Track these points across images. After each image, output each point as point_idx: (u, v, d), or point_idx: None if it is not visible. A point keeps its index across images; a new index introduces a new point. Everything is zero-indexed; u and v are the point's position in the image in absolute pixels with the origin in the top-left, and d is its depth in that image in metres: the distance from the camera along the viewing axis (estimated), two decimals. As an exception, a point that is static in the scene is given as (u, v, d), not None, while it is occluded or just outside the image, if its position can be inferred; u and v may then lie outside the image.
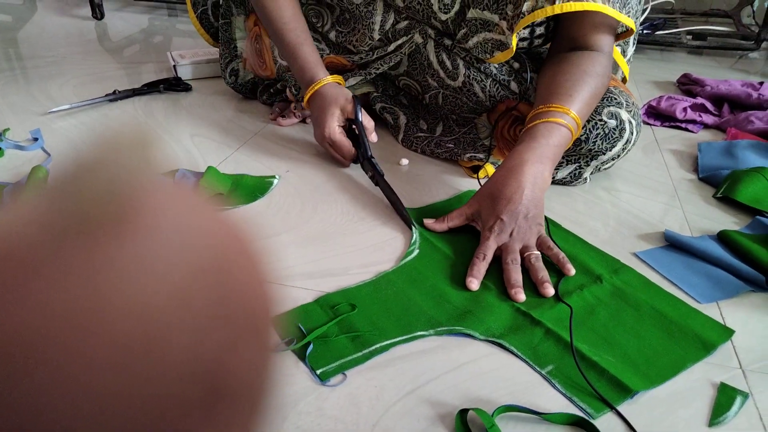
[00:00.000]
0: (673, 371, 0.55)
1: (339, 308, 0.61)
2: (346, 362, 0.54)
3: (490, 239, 0.69)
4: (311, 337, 0.56)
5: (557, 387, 0.53)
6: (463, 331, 0.59)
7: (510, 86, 0.91)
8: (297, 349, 0.55)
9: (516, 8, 0.80)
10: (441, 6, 0.87)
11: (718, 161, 0.97)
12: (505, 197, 0.70)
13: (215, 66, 1.28)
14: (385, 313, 0.61)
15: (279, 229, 0.75)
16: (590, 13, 0.78)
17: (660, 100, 1.18)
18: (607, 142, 0.83)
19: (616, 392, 0.53)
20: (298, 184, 0.86)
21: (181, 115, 1.10)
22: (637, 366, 0.55)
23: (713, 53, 1.66)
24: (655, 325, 0.61)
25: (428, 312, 0.62)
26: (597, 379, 0.54)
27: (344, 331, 0.58)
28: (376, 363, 0.55)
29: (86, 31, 1.68)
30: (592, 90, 0.79)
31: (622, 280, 0.67)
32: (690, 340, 0.59)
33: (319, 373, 0.53)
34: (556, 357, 0.56)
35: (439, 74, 0.95)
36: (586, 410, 0.51)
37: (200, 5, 1.12)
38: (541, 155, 0.73)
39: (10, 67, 1.35)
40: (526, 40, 0.88)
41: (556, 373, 0.55)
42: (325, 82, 0.89)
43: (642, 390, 0.53)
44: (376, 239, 0.74)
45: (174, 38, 1.64)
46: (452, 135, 0.98)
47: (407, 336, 0.58)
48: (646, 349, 0.58)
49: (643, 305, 0.64)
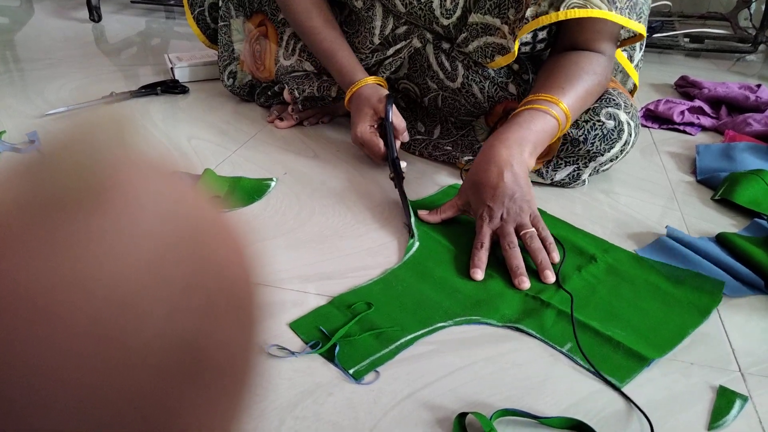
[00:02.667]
0: (677, 339, 0.59)
1: (355, 308, 0.61)
2: (377, 359, 0.55)
3: (483, 227, 0.70)
4: (337, 337, 0.56)
5: (579, 363, 0.56)
6: (481, 320, 0.61)
7: (508, 88, 0.91)
8: (324, 352, 0.55)
9: (518, 12, 0.80)
10: (443, 11, 0.87)
11: (716, 163, 0.96)
12: (487, 184, 0.71)
13: (212, 68, 1.28)
14: (400, 308, 0.62)
15: (276, 231, 0.75)
16: (594, 19, 0.78)
17: (658, 103, 1.18)
18: (606, 143, 0.83)
19: (634, 362, 0.56)
20: (296, 187, 0.86)
21: (179, 117, 1.10)
22: (645, 336, 0.59)
23: (711, 56, 1.66)
24: (652, 297, 0.64)
25: (442, 304, 0.63)
26: (613, 351, 0.57)
27: (365, 329, 0.58)
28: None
29: (83, 33, 1.68)
30: (586, 87, 0.79)
31: (613, 258, 0.71)
32: (686, 308, 0.63)
33: (352, 373, 0.53)
34: (572, 335, 0.59)
35: (438, 75, 0.94)
36: (612, 381, 0.54)
37: (197, 6, 1.12)
38: (519, 138, 0.73)
39: (6, 69, 1.34)
40: (529, 44, 0.87)
41: (575, 350, 0.57)
42: (362, 83, 0.90)
43: (656, 357, 0.56)
44: (374, 242, 0.74)
45: (171, 40, 1.64)
46: (450, 137, 0.98)
47: (429, 328, 0.59)
48: (649, 321, 0.61)
49: (637, 279, 0.67)
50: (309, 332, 0.57)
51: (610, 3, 0.76)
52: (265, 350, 0.55)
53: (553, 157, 0.86)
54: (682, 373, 0.56)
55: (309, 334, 0.57)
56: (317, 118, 1.08)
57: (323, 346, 0.55)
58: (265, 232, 0.75)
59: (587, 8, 0.75)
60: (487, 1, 0.83)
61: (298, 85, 1.00)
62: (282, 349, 0.55)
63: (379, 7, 0.92)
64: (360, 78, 0.90)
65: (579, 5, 0.75)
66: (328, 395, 0.51)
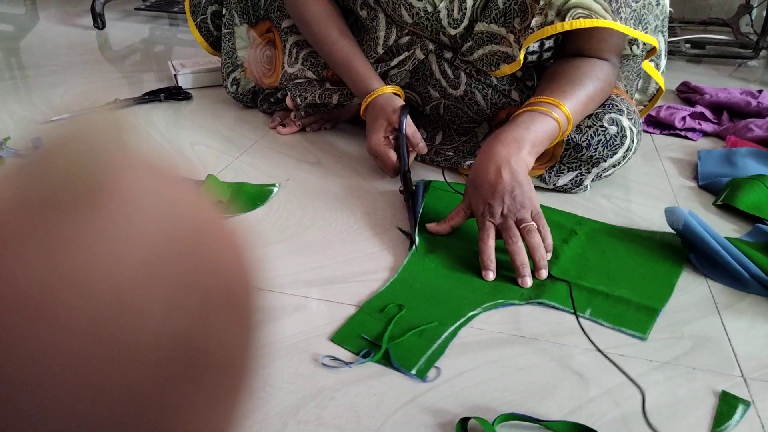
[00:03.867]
0: (669, 291, 0.66)
1: (388, 311, 0.62)
2: (431, 356, 0.56)
3: (485, 223, 0.71)
4: (386, 342, 0.57)
5: (604, 324, 0.61)
6: (506, 302, 0.64)
7: (511, 95, 0.92)
8: (379, 359, 0.55)
9: (523, 21, 0.80)
10: (450, 21, 0.87)
11: (717, 169, 0.97)
12: (486, 182, 0.71)
13: (216, 75, 1.29)
14: (429, 304, 0.63)
15: (278, 237, 0.75)
16: (598, 28, 0.78)
17: (659, 109, 1.18)
18: (609, 149, 0.83)
19: (647, 314, 0.62)
20: (298, 193, 0.86)
21: (182, 123, 1.11)
22: (645, 291, 0.65)
23: (712, 61, 1.67)
24: (634, 258, 0.72)
25: (465, 294, 0.65)
26: (627, 309, 0.63)
27: (406, 330, 0.59)
28: (375, 371, 0.55)
29: (88, 40, 1.69)
30: (589, 92, 0.80)
31: (588, 228, 0.78)
32: (665, 264, 0.71)
33: (414, 373, 0.54)
34: (588, 302, 0.64)
35: (440, 84, 0.95)
36: (635, 335, 0.60)
37: (199, 14, 1.13)
38: (517, 137, 0.74)
39: (11, 76, 1.35)
40: (536, 53, 0.88)
41: (596, 313, 0.63)
42: (378, 93, 0.88)
43: (662, 307, 0.63)
44: (376, 247, 0.74)
45: (175, 47, 1.65)
46: (452, 143, 0.98)
47: (464, 318, 0.61)
48: (640, 277, 0.68)
49: (615, 244, 0.75)
50: (354, 342, 0.58)
51: (615, 14, 0.76)
52: (320, 362, 0.55)
53: (556, 163, 0.86)
54: (685, 377, 0.56)
55: (354, 344, 0.57)
56: (320, 124, 1.08)
57: (374, 353, 0.56)
58: (267, 237, 0.75)
59: (592, 18, 0.76)
60: (493, 11, 0.83)
61: (300, 92, 1.01)
62: (335, 360, 0.56)
63: (382, 18, 0.92)
64: (376, 87, 0.89)
65: (584, 15, 0.76)
66: (331, 399, 0.51)
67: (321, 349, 0.57)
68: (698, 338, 0.60)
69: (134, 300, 0.16)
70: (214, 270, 0.19)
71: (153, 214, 0.17)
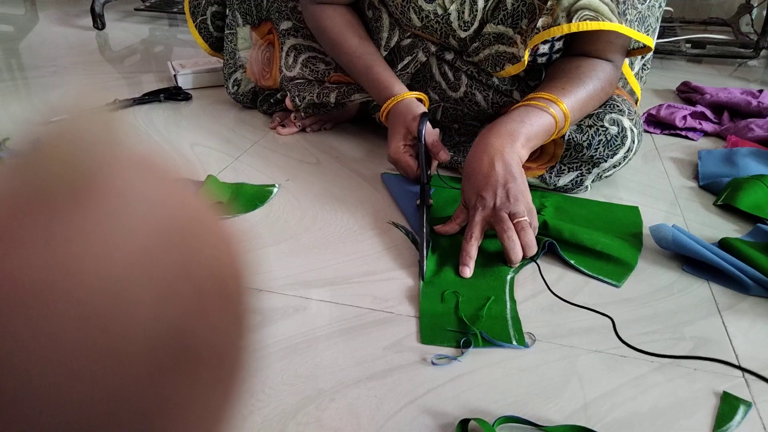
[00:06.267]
0: (638, 250, 0.74)
1: (446, 297, 0.64)
2: (514, 324, 0.61)
3: (475, 216, 0.70)
4: (476, 327, 0.60)
5: (583, 271, 0.70)
6: (526, 262, 0.71)
7: (513, 95, 0.91)
8: (480, 344, 0.58)
9: (531, 22, 0.80)
10: (461, 23, 0.85)
11: (718, 169, 0.96)
12: (479, 174, 0.71)
13: (215, 75, 1.29)
14: (472, 284, 0.67)
15: (278, 237, 0.75)
16: (605, 30, 0.78)
17: (660, 108, 1.18)
18: (609, 149, 0.83)
19: (623, 268, 0.70)
20: (298, 193, 0.86)
21: (182, 124, 1.10)
22: (617, 249, 0.72)
23: (712, 61, 1.66)
24: (599, 225, 0.78)
25: (492, 266, 0.69)
26: (607, 262, 0.71)
27: (475, 310, 0.62)
28: (374, 372, 0.54)
29: (87, 41, 1.69)
30: (589, 91, 0.80)
31: (553, 200, 0.84)
32: (627, 228, 0.78)
33: (515, 344, 0.58)
34: (571, 255, 0.72)
35: (440, 86, 0.94)
36: (611, 282, 0.68)
37: (199, 15, 1.13)
38: (511, 129, 0.74)
39: (11, 77, 1.35)
40: (546, 55, 0.87)
41: (579, 263, 0.71)
42: (399, 99, 0.86)
43: (635, 264, 0.71)
44: (377, 247, 0.74)
45: (175, 48, 1.65)
46: (452, 143, 0.98)
47: (508, 283, 0.67)
48: (610, 238, 0.74)
49: (584, 213, 0.81)
50: (445, 337, 0.59)
51: (621, 16, 0.76)
52: (431, 362, 0.56)
53: (557, 163, 0.86)
54: (686, 378, 0.55)
55: (447, 339, 0.59)
56: (320, 124, 1.08)
57: (471, 340, 0.58)
58: (267, 238, 0.75)
59: (598, 21, 0.75)
60: (501, 11, 0.83)
61: (300, 92, 1.01)
62: (442, 357, 0.56)
63: (386, 19, 0.92)
64: (397, 92, 0.86)
65: (591, 17, 0.75)
66: (331, 401, 0.51)
67: (320, 351, 0.57)
68: (699, 339, 0.60)
69: (127, 290, 0.16)
70: (207, 261, 0.19)
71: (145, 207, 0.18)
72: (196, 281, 0.18)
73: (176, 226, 0.18)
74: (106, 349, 0.16)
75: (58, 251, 0.16)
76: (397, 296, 0.65)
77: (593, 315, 0.63)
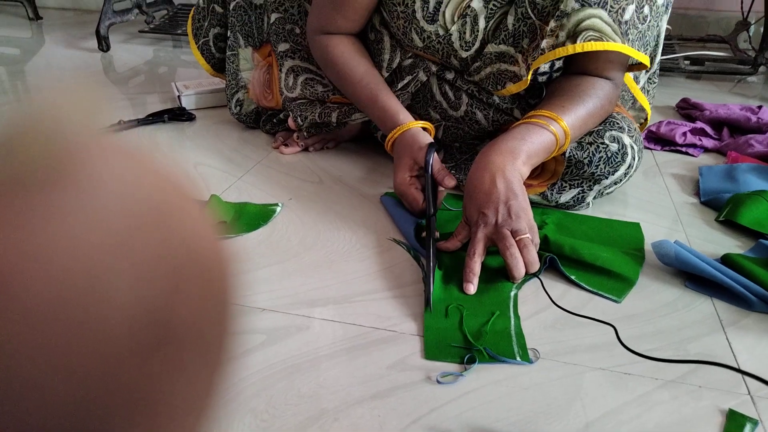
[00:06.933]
0: (639, 266, 0.74)
1: (450, 312, 0.65)
2: (518, 340, 0.61)
3: (477, 233, 0.70)
4: (479, 343, 0.60)
5: (584, 286, 0.70)
6: (528, 278, 0.71)
7: (513, 113, 0.92)
8: (485, 360, 0.58)
9: (532, 42, 0.81)
10: (462, 43, 0.86)
11: (719, 185, 0.97)
12: (480, 191, 0.72)
13: (218, 96, 1.30)
14: (476, 300, 0.67)
15: (281, 256, 0.76)
16: (605, 50, 0.79)
17: (660, 125, 1.19)
18: (610, 166, 0.84)
19: (624, 284, 0.71)
20: (301, 212, 0.87)
21: (186, 144, 1.11)
22: (618, 265, 0.72)
23: (711, 78, 1.68)
24: (600, 241, 0.79)
25: (495, 282, 0.69)
26: (607, 277, 0.71)
27: (479, 326, 0.63)
28: (378, 391, 0.54)
29: (92, 62, 1.71)
30: (589, 109, 0.80)
31: (554, 218, 0.84)
32: (628, 244, 0.79)
33: (519, 360, 0.58)
34: (571, 271, 0.72)
35: (441, 105, 0.95)
36: (611, 298, 0.68)
37: (202, 37, 1.15)
38: (512, 147, 0.74)
39: (17, 99, 1.37)
40: (546, 74, 0.88)
41: (579, 278, 0.71)
42: (404, 128, 0.85)
43: (636, 280, 0.71)
44: (379, 266, 0.74)
45: (178, 69, 1.67)
46: (453, 161, 0.98)
47: (512, 300, 0.67)
48: (612, 254, 0.74)
49: (584, 229, 0.82)
50: (449, 353, 0.59)
51: (623, 35, 0.77)
52: (435, 380, 0.56)
53: (558, 180, 0.86)
54: (691, 396, 0.55)
55: (451, 355, 0.59)
56: (322, 143, 1.09)
57: (474, 356, 0.58)
58: (270, 257, 0.75)
59: (603, 41, 0.76)
60: (502, 32, 0.84)
61: (302, 112, 1.02)
62: (447, 375, 0.56)
63: (387, 41, 0.93)
64: (402, 122, 0.85)
65: (595, 38, 0.76)
66: (334, 420, 0.51)
67: (323, 370, 0.57)
68: (703, 356, 0.60)
69: (104, 272, 0.16)
70: (184, 242, 0.19)
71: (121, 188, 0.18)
72: (174, 262, 0.18)
73: (152, 206, 0.18)
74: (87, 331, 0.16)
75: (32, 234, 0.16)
76: (400, 314, 0.65)
77: (597, 332, 0.63)
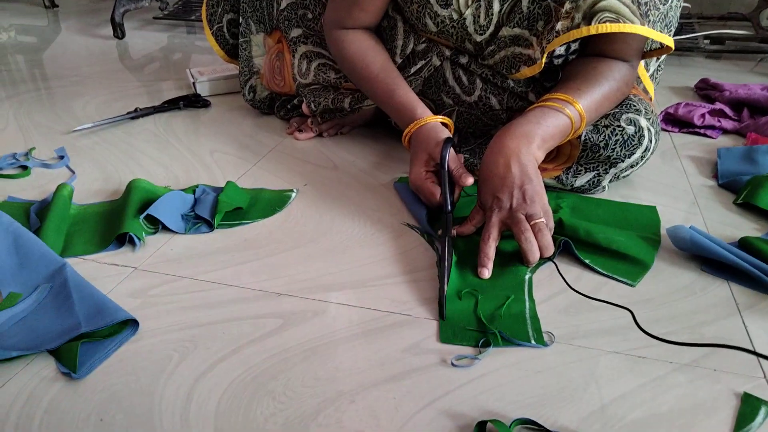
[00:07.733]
0: (654, 250, 0.74)
1: (464, 296, 0.65)
2: (533, 323, 0.61)
3: (492, 218, 0.71)
4: (493, 326, 0.60)
5: (598, 270, 0.70)
6: (542, 262, 0.71)
7: (528, 97, 0.91)
8: (500, 344, 0.58)
9: (546, 24, 0.80)
10: (476, 27, 0.85)
11: (738, 167, 0.95)
12: (495, 176, 0.72)
13: (233, 82, 1.31)
14: (491, 283, 0.67)
15: (297, 242, 0.76)
16: (622, 32, 0.77)
17: (677, 107, 1.17)
18: (626, 149, 0.83)
19: (639, 267, 0.70)
20: (316, 198, 0.87)
21: (201, 131, 1.12)
22: (633, 249, 0.72)
23: (732, 57, 1.64)
24: (616, 224, 0.79)
25: (509, 266, 0.70)
26: (622, 261, 0.71)
27: (493, 309, 0.63)
28: (393, 374, 0.55)
29: (108, 50, 1.72)
30: (605, 91, 0.79)
31: (569, 201, 0.84)
32: (644, 227, 0.78)
33: (534, 343, 0.59)
34: (586, 255, 0.72)
35: (454, 91, 0.95)
36: (626, 282, 0.68)
37: (216, 23, 1.15)
38: (527, 131, 0.74)
39: (35, 87, 1.39)
40: (562, 57, 0.87)
41: (593, 262, 0.71)
42: (421, 123, 0.83)
43: (651, 263, 0.71)
44: (394, 250, 0.75)
45: (193, 55, 1.68)
46: (468, 146, 0.98)
47: (527, 283, 0.67)
48: (627, 237, 0.74)
49: (599, 213, 0.82)
50: (464, 336, 0.60)
51: (643, 17, 0.75)
52: (450, 363, 0.57)
53: (573, 164, 0.86)
54: (706, 379, 0.55)
55: (466, 338, 0.60)
56: (336, 129, 1.09)
57: (490, 340, 0.59)
58: (286, 242, 0.76)
59: (619, 23, 0.74)
60: (517, 15, 0.83)
61: (315, 98, 1.02)
62: (462, 358, 0.57)
63: (401, 26, 0.93)
64: (419, 116, 0.84)
65: (611, 19, 0.75)
66: (350, 402, 0.52)
67: (340, 353, 0.58)
68: (719, 339, 0.60)
69: None
70: None
71: None
72: None
73: None
74: None
75: None
76: (415, 299, 0.66)
77: (612, 316, 0.63)
